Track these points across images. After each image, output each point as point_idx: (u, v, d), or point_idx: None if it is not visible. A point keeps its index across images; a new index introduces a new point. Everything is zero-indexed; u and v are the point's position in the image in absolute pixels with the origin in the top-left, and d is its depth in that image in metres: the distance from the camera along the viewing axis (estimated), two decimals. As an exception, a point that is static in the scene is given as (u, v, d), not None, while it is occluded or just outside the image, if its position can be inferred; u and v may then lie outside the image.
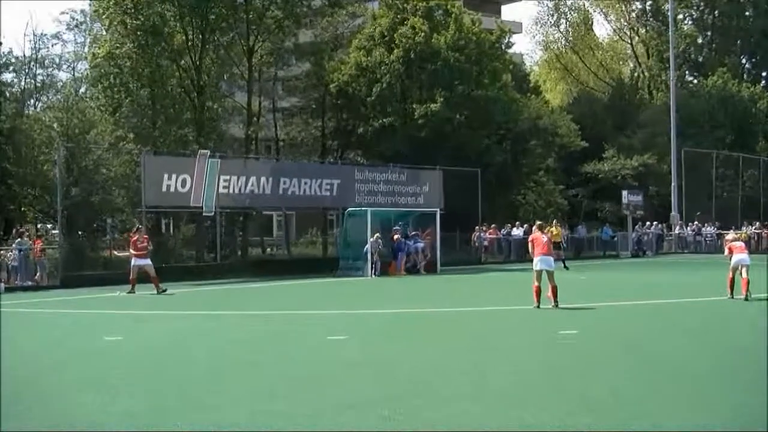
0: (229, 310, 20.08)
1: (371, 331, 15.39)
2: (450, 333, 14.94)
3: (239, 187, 34.11)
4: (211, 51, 39.46)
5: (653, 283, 27.16)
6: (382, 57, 44.71)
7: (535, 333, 14.68)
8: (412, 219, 37.25)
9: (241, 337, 14.55)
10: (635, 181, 56.05)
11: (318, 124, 47.99)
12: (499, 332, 14.97)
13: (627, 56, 78.25)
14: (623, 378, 10.17)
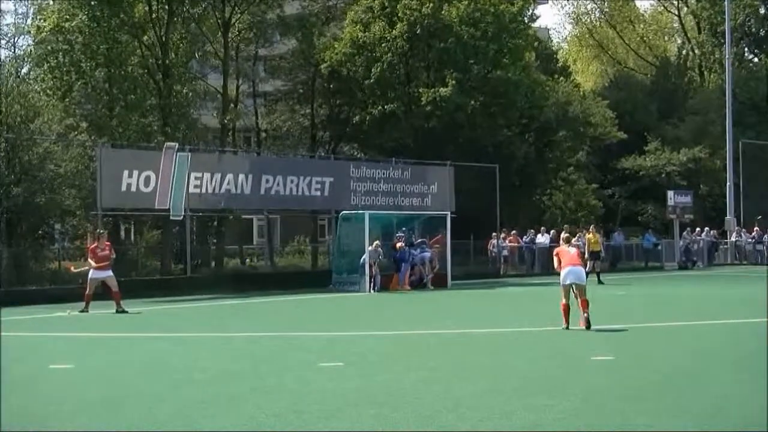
0: (200, 332, 20.11)
1: (370, 357, 15.44)
2: (463, 359, 14.99)
3: (213, 186, 34.13)
4: (180, 25, 39.47)
5: (704, 300, 27.20)
6: (383, 32, 44.72)
7: (564, 359, 14.74)
8: (418, 224, 37.32)
9: (215, 365, 14.60)
10: (683, 179, 56.15)
11: (307, 112, 48.09)
12: (521, 358, 15.03)
13: (674, 31, 78.40)
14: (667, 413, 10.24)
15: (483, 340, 18.07)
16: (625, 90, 64.28)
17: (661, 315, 22.67)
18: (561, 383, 12.31)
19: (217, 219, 41.32)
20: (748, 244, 51.82)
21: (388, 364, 14.40)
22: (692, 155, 56.77)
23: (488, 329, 19.73)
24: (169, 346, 17.61)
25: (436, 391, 11.67)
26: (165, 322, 22.85)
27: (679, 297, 29.27)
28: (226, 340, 18.61)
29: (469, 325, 20.94)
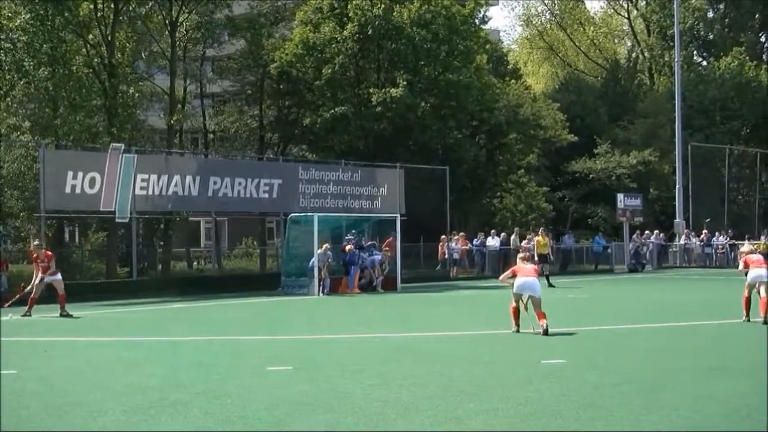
0: (147, 336, 19.93)
1: (320, 361, 15.37)
2: (413, 363, 14.95)
3: (160, 187, 33.94)
4: (126, 24, 39.24)
5: (653, 303, 27.40)
6: (333, 33, 44.70)
7: (514, 363, 14.76)
8: (367, 226, 37.32)
9: (161, 371, 14.46)
10: (633, 182, 56.61)
11: (255, 113, 47.99)
12: (471, 362, 15.02)
13: (624, 33, 79.11)
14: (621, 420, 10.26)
15: (433, 343, 18.04)
16: (575, 92, 64.72)
17: (611, 318, 22.80)
18: (511, 387, 12.31)
19: (164, 221, 41.06)
20: (697, 247, 52.27)
21: (338, 369, 14.32)
22: (642, 158, 57.24)
23: (438, 333, 19.69)
24: (113, 351, 17.41)
25: (386, 396, 11.63)
26: (110, 326, 22.60)
27: (629, 300, 29.48)
28: (172, 344, 18.43)
29: (419, 328, 20.89)
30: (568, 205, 59.32)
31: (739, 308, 20.44)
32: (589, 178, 57.86)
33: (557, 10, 77.26)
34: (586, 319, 22.72)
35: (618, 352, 16.12)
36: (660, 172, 58.35)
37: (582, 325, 20.75)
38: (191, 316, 25.32)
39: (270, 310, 27.39)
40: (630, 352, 16.15)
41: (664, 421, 10.01)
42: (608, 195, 54.80)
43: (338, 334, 20.09)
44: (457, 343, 17.98)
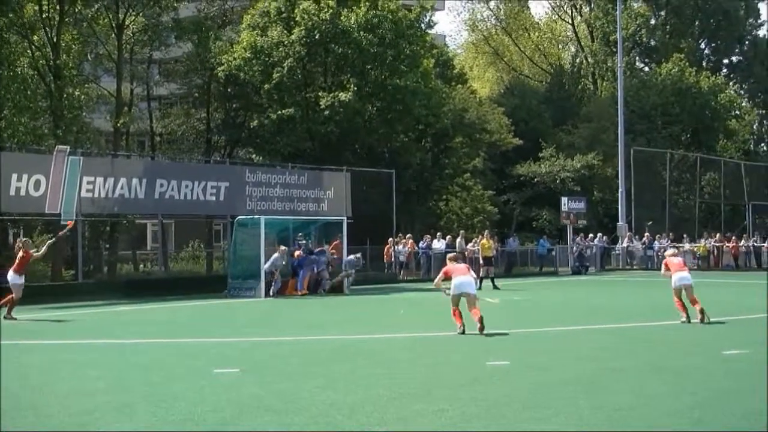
0: (92, 338, 19.75)
1: (267, 363, 15.33)
2: (359, 365, 14.96)
3: (106, 190, 33.68)
4: (71, 25, 39.00)
5: (596, 305, 27.61)
6: (280, 37, 44.67)
7: (459, 364, 14.80)
8: (314, 229, 37.26)
9: (106, 374, 14.34)
10: (577, 185, 57.08)
11: (202, 116, 47.85)
12: (416, 363, 15.04)
13: (567, 39, 79.63)
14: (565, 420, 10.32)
15: (379, 345, 18.06)
16: (520, 97, 65.10)
17: (555, 319, 22.93)
18: (457, 388, 12.34)
19: (110, 224, 40.82)
20: (639, 249, 52.66)
21: (285, 371, 14.29)
22: (586, 162, 57.74)
23: (384, 335, 19.71)
24: (57, 354, 17.24)
25: (333, 398, 11.61)
26: (54, 329, 22.34)
27: (573, 302, 29.63)
28: (118, 347, 18.29)
29: (365, 330, 20.90)
30: (513, 208, 59.65)
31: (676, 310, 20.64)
32: (534, 181, 58.26)
33: (502, 15, 77.64)
34: (531, 320, 22.86)
35: (561, 353, 16.20)
36: (603, 176, 58.86)
37: (526, 326, 20.88)
38: (137, 319, 25.11)
39: (217, 312, 27.24)
40: (573, 352, 16.24)
41: (608, 421, 10.07)
42: (552, 198, 55.18)
43: (285, 336, 20.02)
44: (403, 345, 18.00)
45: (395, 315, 25.25)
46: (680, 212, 59.42)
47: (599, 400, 11.37)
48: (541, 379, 13.08)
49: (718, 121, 65.28)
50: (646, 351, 16.46)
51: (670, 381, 12.83)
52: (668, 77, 64.14)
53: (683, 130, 64.15)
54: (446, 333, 18.80)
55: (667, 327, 20.38)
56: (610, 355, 15.78)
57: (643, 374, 13.53)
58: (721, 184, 60.99)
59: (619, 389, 12.13)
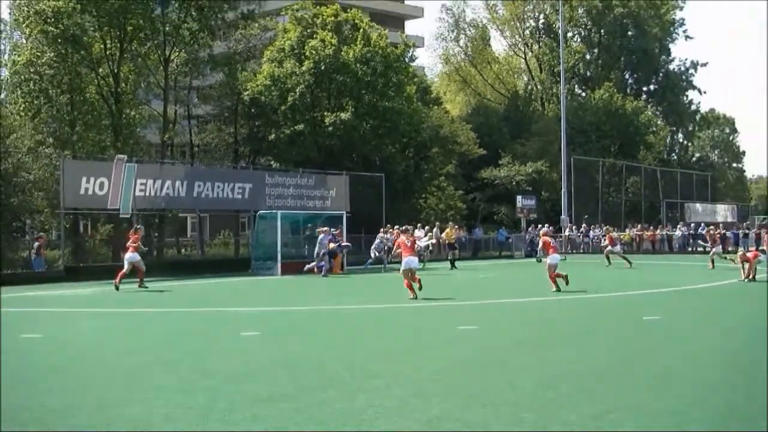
0: (143, 308, 19.70)
1: (283, 328, 15.28)
2: (356, 330, 14.92)
3: (155, 190, 33.57)
4: (129, 60, 38.97)
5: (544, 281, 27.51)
6: (294, 68, 44.63)
7: (435, 329, 14.77)
8: (320, 221, 37.15)
9: (155, 335, 14.30)
10: (529, 186, 57.08)
11: (231, 131, 47.66)
12: (404, 328, 15.00)
13: (521, 70, 79.51)
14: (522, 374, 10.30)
15: (375, 313, 18.02)
16: (484, 116, 65.05)
17: (512, 293, 22.93)
18: (434, 348, 12.31)
19: (159, 216, 40.70)
20: (578, 237, 52.67)
21: (298, 335, 14.25)
22: (536, 168, 57.74)
23: (379, 305, 19.66)
24: (117, 319, 17.17)
25: (337, 356, 11.57)
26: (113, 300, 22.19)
27: (525, 279, 29.59)
28: (162, 315, 18.24)
29: (361, 302, 20.83)
30: (478, 205, 59.59)
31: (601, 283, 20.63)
32: (495, 183, 58.24)
33: (470, 51, 77.47)
34: (493, 293, 22.84)
35: (518, 319, 16.20)
36: (550, 179, 58.83)
37: (490, 298, 20.86)
38: (179, 292, 25.03)
39: (242, 287, 27.17)
40: (528, 318, 16.24)
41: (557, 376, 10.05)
42: (510, 196, 55.17)
43: (297, 306, 19.97)
44: (393, 313, 17.95)
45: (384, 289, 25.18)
46: (610, 208, 59.48)
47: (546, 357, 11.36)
48: (503, 341, 13.07)
49: (639, 136, 65.32)
50: (583, 317, 16.47)
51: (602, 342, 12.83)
52: (600, 101, 64.19)
53: (612, 143, 64.18)
54: (425, 304, 18.79)
55: (598, 298, 20.42)
56: (554, 322, 15.78)
57: (580, 336, 13.53)
58: (642, 186, 61.17)
59: (562, 348, 12.13)
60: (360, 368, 10.57)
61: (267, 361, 11.17)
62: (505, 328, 14.91)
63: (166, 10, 39.91)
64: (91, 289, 24.80)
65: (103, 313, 18.57)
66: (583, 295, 21.16)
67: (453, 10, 76.91)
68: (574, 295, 20.98)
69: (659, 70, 75.14)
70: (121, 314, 18.29)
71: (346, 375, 10.10)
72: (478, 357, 11.49)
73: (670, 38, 74.85)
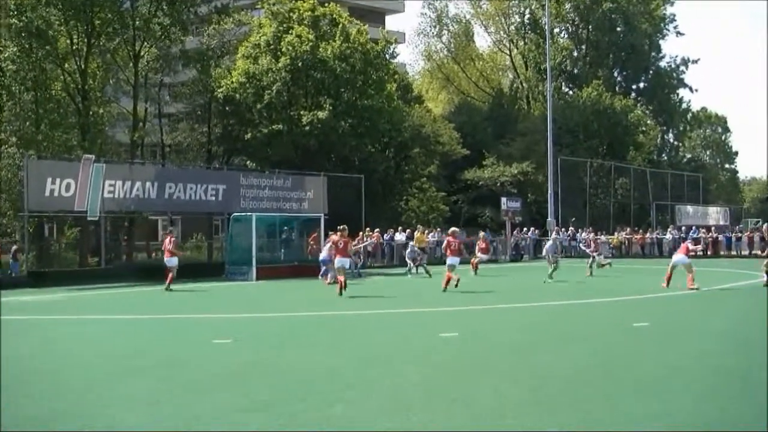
0: (112, 314, 19.69)
1: (257, 334, 15.33)
2: (334, 336, 14.98)
3: (124, 191, 33.49)
4: (97, 56, 38.86)
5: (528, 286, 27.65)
6: (269, 65, 44.62)
7: (416, 335, 14.84)
8: (296, 224, 37.24)
9: (126, 342, 14.31)
10: (514, 188, 57.24)
11: (204, 130, 47.64)
12: (383, 334, 15.07)
13: (506, 67, 79.85)
14: (505, 380, 10.38)
15: (352, 320, 18.07)
16: (467, 115, 65.18)
17: (494, 298, 23.00)
18: (414, 355, 12.39)
19: (128, 219, 40.60)
20: (565, 240, 52.77)
21: (272, 342, 14.30)
22: (521, 169, 57.87)
23: (355, 311, 19.70)
24: (86, 326, 17.16)
25: (313, 363, 11.63)
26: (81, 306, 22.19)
27: (509, 284, 29.70)
28: (133, 321, 18.24)
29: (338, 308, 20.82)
30: (461, 207, 59.71)
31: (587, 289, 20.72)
32: (479, 184, 58.36)
33: (453, 47, 77.72)
34: (475, 299, 22.92)
35: (500, 326, 16.30)
36: (536, 181, 58.97)
37: (472, 304, 20.95)
38: (150, 298, 25.02)
39: (216, 292, 27.15)
40: (509, 325, 16.35)
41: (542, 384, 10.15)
42: (494, 199, 55.26)
43: (272, 312, 20.01)
44: (372, 319, 18.02)
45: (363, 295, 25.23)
46: (598, 210, 59.82)
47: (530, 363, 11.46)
48: (485, 348, 13.15)
49: (628, 136, 65.65)
50: (569, 323, 16.58)
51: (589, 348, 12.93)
52: (588, 99, 64.46)
53: (600, 143, 64.43)
54: (406, 310, 18.86)
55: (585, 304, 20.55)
56: (537, 328, 15.88)
57: (566, 342, 13.63)
58: (631, 187, 61.47)
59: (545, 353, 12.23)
60: (337, 374, 10.64)
61: (241, 369, 11.22)
62: (487, 334, 14.99)
63: (136, 4, 39.76)
64: (57, 295, 24.72)
65: (70, 321, 18.54)
66: (569, 301, 21.30)
67: (435, 5, 77.28)
68: (560, 301, 21.13)
69: (649, 68, 75.59)
70: (89, 322, 18.27)
71: (324, 383, 10.16)
72: (460, 363, 11.58)
73: (660, 34, 75.39)
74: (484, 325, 16.60)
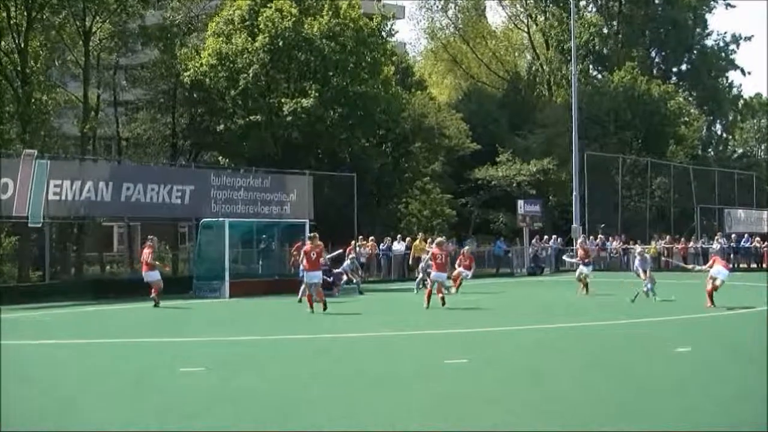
0: (61, 338, 19.73)
1: (231, 361, 15.39)
2: (316, 363, 15.04)
3: (73, 193, 33.44)
4: (39, 32, 38.76)
5: (548, 305, 27.69)
6: (245, 44, 44.59)
7: (417, 362, 14.93)
8: (277, 231, 37.31)
9: (78, 372, 14.37)
10: (532, 188, 57.28)
11: (168, 121, 47.62)
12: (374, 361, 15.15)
13: (524, 47, 79.80)
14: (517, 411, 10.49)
15: (338, 344, 18.14)
16: (477, 103, 65.23)
17: (509, 319, 23.07)
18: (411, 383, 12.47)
19: (77, 226, 40.58)
20: (593, 250, 52.57)
21: (250, 369, 14.37)
22: (541, 166, 57.89)
23: (342, 334, 19.78)
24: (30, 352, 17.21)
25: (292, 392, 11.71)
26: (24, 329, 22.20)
27: (527, 302, 29.73)
28: (84, 347, 18.29)
29: (324, 330, 20.90)
30: (471, 211, 59.79)
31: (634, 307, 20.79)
32: (491, 185, 58.38)
33: (460, 23, 77.75)
34: (487, 319, 23.00)
35: (516, 350, 16.37)
36: (558, 180, 59.04)
37: (484, 325, 21.04)
38: (105, 319, 25.08)
39: (182, 312, 27.19)
40: (527, 349, 16.42)
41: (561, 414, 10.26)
42: (509, 201, 55.34)
43: (249, 335, 20.07)
44: (361, 344, 18.10)
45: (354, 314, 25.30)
46: (632, 215, 59.79)
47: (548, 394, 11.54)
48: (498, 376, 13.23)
49: (667, 127, 65.51)
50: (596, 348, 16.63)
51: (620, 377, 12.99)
52: (620, 84, 64.45)
53: (635, 136, 64.43)
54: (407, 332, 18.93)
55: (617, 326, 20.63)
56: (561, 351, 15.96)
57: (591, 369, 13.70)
58: (671, 188, 61.38)
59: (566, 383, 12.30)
60: (322, 409, 10.74)
61: (210, 399, 11.31)
62: (501, 360, 15.08)
63: (87, -31, 39.85)
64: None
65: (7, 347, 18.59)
66: (597, 322, 21.39)
67: (440, -27, 77.25)
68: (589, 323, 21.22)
69: (693, 47, 75.57)
70: (31, 347, 18.31)
71: (303, 414, 10.25)
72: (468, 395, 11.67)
73: (706, 7, 75.35)
74: (498, 349, 16.67)
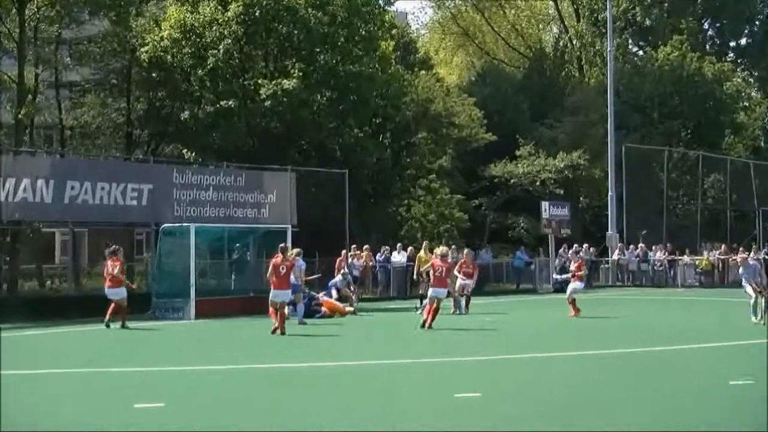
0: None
1: (196, 395, 15.36)
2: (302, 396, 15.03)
3: (6, 193, 33.34)
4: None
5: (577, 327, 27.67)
6: (214, 14, 44.54)
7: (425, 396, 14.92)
8: (254, 239, 37.26)
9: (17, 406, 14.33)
10: (559, 188, 57.13)
11: (122, 106, 47.65)
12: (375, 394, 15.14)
13: (550, 18, 79.97)
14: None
15: (330, 374, 18.11)
16: (493, 85, 65.18)
17: (530, 345, 23.03)
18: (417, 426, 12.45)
19: (11, 233, 40.48)
20: (633, 262, 52.68)
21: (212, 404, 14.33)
22: (570, 161, 57.71)
23: (331, 363, 19.73)
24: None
25: None
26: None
27: (551, 324, 29.57)
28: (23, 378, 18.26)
29: (309, 358, 20.84)
30: (486, 215, 59.72)
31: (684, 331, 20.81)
32: (510, 183, 58.32)
33: (474, -10, 77.92)
34: (504, 345, 22.97)
35: (538, 381, 16.36)
36: (590, 178, 58.96)
37: (501, 351, 21.01)
38: (45, 345, 25.04)
39: (139, 336, 27.15)
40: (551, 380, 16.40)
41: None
42: (531, 203, 55.20)
43: (216, 364, 20.03)
44: (358, 374, 18.08)
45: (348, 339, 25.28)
46: (679, 220, 59.77)
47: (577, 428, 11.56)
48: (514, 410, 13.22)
49: (723, 114, 65.44)
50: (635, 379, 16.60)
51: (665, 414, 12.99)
52: (666, 63, 64.42)
53: (683, 125, 64.43)
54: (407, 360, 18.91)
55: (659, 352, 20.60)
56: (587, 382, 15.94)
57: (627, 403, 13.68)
58: (727, 187, 61.28)
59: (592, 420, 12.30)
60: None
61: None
62: (519, 393, 15.07)
63: None
64: None
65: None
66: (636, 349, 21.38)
67: (449, -71, 77.36)
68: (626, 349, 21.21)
69: (754, 17, 75.55)
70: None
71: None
72: None
73: (772, -32, 75.50)
74: (517, 380, 16.66)
